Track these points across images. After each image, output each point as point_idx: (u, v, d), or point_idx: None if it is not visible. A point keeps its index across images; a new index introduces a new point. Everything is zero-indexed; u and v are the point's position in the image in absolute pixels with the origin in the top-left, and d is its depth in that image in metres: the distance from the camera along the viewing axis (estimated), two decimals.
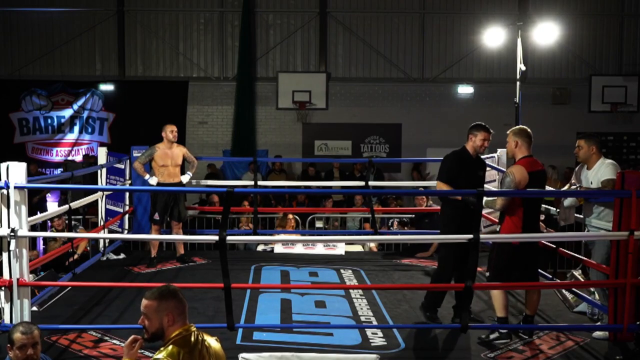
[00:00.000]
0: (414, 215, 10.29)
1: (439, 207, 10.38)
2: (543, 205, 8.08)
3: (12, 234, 5.19)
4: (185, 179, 8.17)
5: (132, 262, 8.11)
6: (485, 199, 5.29)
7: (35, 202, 12.55)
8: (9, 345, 3.76)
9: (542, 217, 8.62)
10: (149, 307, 3.13)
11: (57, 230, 8.37)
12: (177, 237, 8.00)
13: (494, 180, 8.95)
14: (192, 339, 3.08)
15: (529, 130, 5.69)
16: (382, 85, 16.08)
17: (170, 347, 3.03)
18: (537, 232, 5.52)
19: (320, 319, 5.96)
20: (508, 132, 5.71)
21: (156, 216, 7.89)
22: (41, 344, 3.93)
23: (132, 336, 3.18)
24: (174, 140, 8.06)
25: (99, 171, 8.42)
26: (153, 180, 7.86)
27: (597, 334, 5.46)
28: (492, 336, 5.32)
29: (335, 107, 15.83)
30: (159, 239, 8.22)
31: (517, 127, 5.77)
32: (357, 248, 9.37)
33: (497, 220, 8.46)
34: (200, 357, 3.06)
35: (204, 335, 3.18)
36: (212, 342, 3.20)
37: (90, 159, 15.03)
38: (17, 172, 5.25)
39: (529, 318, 5.61)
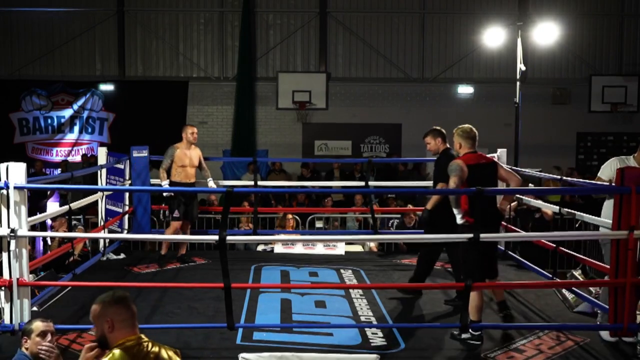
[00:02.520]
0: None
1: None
2: (544, 204, 8.11)
3: (12, 234, 5.19)
4: (211, 184, 8.34)
5: (132, 262, 8.10)
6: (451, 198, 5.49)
7: (42, 205, 12.53)
8: (25, 337, 3.74)
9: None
10: (92, 312, 3.02)
11: (57, 231, 8.37)
12: (177, 237, 7.99)
13: None
14: (137, 350, 2.89)
15: (471, 129, 5.87)
16: (382, 85, 16.08)
17: (111, 354, 2.86)
18: (490, 215, 5.46)
19: (320, 319, 5.96)
20: (453, 131, 5.90)
21: (176, 213, 7.88)
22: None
23: (88, 344, 3.05)
24: (194, 142, 8.01)
25: (99, 171, 8.41)
26: (165, 183, 7.84)
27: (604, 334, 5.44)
28: (464, 335, 5.31)
29: (335, 107, 15.84)
30: (158, 238, 8.22)
31: (460, 127, 5.91)
32: (357, 248, 9.36)
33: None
34: None
35: (159, 347, 2.98)
36: (166, 355, 2.98)
37: (89, 159, 15.04)
38: (17, 172, 5.24)
39: (502, 304, 5.71)
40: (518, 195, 8.36)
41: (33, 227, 6.32)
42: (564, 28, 14.38)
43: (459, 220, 5.35)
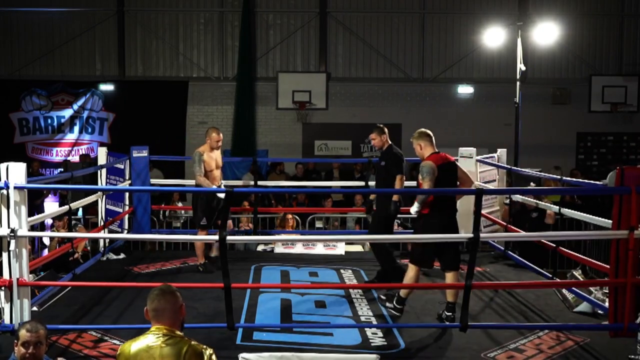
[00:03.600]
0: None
1: None
2: (544, 204, 8.10)
3: (12, 234, 5.19)
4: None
5: (132, 262, 8.10)
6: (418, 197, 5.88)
7: (38, 204, 12.56)
8: (15, 341, 3.76)
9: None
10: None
11: (58, 231, 8.37)
12: (177, 237, 7.99)
13: (494, 180, 8.95)
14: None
15: (427, 131, 6.13)
16: (382, 85, 16.08)
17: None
18: (447, 212, 5.90)
19: (320, 319, 5.97)
20: (411, 139, 6.20)
21: (203, 221, 7.46)
22: (46, 345, 3.91)
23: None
24: (217, 149, 7.63)
25: (99, 171, 8.42)
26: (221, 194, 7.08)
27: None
28: (388, 304, 6.04)
29: (335, 107, 15.83)
30: (157, 238, 8.21)
31: (418, 131, 6.21)
32: (357, 248, 9.36)
33: (497, 219, 8.49)
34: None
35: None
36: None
37: (87, 159, 15.04)
38: (17, 172, 5.25)
39: (450, 305, 5.79)
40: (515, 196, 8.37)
41: (32, 227, 6.33)
42: (564, 28, 14.37)
43: (415, 209, 5.79)
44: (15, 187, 5.21)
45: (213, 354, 3.13)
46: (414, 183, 7.51)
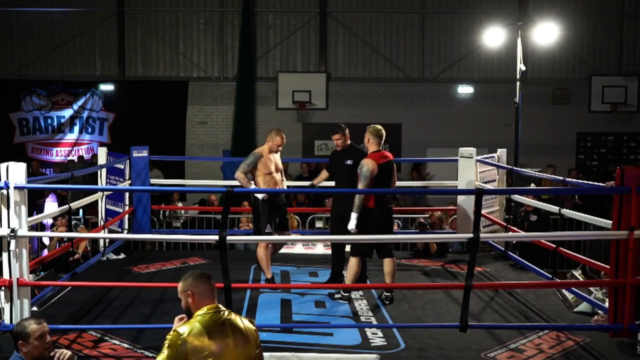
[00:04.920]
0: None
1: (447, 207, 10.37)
2: (544, 204, 8.10)
3: (12, 234, 5.19)
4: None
5: (132, 262, 8.10)
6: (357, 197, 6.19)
7: (39, 204, 12.55)
8: (20, 341, 3.73)
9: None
10: (178, 288, 3.39)
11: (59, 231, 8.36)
12: (177, 237, 7.98)
13: (494, 180, 8.95)
14: (215, 316, 3.25)
15: (381, 130, 6.47)
16: (382, 85, 16.08)
17: (192, 321, 3.24)
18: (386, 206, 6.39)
19: (320, 319, 5.97)
20: (367, 127, 6.57)
21: (268, 228, 6.83)
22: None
23: (179, 316, 3.41)
24: (277, 152, 7.06)
25: (99, 171, 8.42)
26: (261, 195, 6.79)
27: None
28: (337, 295, 6.40)
29: (335, 107, 15.83)
30: (157, 238, 8.20)
31: (373, 126, 6.54)
32: None
33: (497, 219, 8.49)
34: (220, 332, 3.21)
35: (235, 314, 3.34)
36: (241, 323, 3.30)
37: (84, 160, 15.06)
38: (17, 172, 5.25)
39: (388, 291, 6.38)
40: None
41: (32, 227, 6.33)
42: (564, 28, 14.37)
43: (353, 222, 6.13)
44: (15, 187, 5.22)
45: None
46: (414, 183, 7.49)
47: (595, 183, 7.06)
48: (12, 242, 5.20)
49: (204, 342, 3.12)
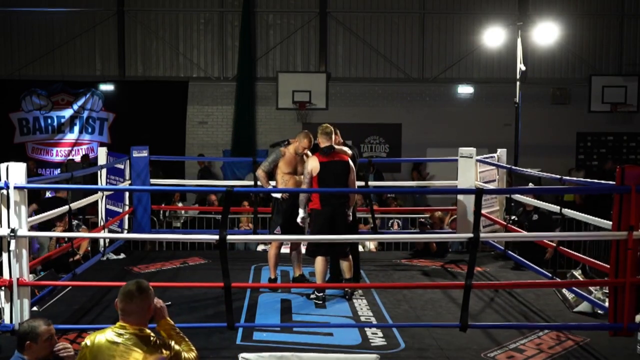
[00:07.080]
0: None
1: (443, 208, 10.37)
2: (542, 203, 8.10)
3: (12, 234, 5.20)
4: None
5: (132, 262, 8.10)
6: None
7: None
8: (29, 342, 3.73)
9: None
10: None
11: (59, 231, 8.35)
12: (177, 237, 7.98)
13: (494, 180, 8.95)
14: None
15: (327, 127, 6.64)
16: (382, 85, 16.08)
17: None
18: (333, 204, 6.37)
19: (320, 319, 5.97)
20: (318, 129, 6.67)
21: (277, 230, 6.82)
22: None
23: None
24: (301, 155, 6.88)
25: (99, 171, 8.41)
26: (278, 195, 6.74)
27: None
28: (312, 296, 6.40)
29: (335, 107, 15.83)
30: (157, 238, 8.20)
31: (322, 125, 6.70)
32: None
33: (497, 219, 8.49)
34: None
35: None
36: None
37: (87, 159, 15.05)
38: (17, 172, 5.25)
39: (347, 279, 6.47)
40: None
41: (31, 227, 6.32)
42: (564, 28, 14.37)
43: (301, 215, 6.40)
44: (15, 187, 5.22)
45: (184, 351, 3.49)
46: (413, 183, 7.49)
47: (595, 180, 7.05)
48: (12, 242, 5.20)
49: None
